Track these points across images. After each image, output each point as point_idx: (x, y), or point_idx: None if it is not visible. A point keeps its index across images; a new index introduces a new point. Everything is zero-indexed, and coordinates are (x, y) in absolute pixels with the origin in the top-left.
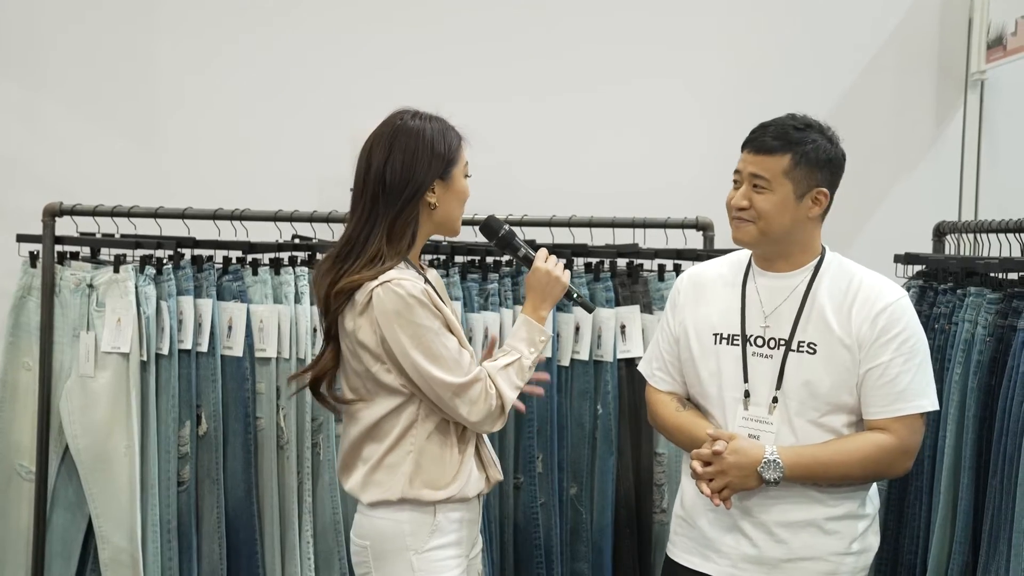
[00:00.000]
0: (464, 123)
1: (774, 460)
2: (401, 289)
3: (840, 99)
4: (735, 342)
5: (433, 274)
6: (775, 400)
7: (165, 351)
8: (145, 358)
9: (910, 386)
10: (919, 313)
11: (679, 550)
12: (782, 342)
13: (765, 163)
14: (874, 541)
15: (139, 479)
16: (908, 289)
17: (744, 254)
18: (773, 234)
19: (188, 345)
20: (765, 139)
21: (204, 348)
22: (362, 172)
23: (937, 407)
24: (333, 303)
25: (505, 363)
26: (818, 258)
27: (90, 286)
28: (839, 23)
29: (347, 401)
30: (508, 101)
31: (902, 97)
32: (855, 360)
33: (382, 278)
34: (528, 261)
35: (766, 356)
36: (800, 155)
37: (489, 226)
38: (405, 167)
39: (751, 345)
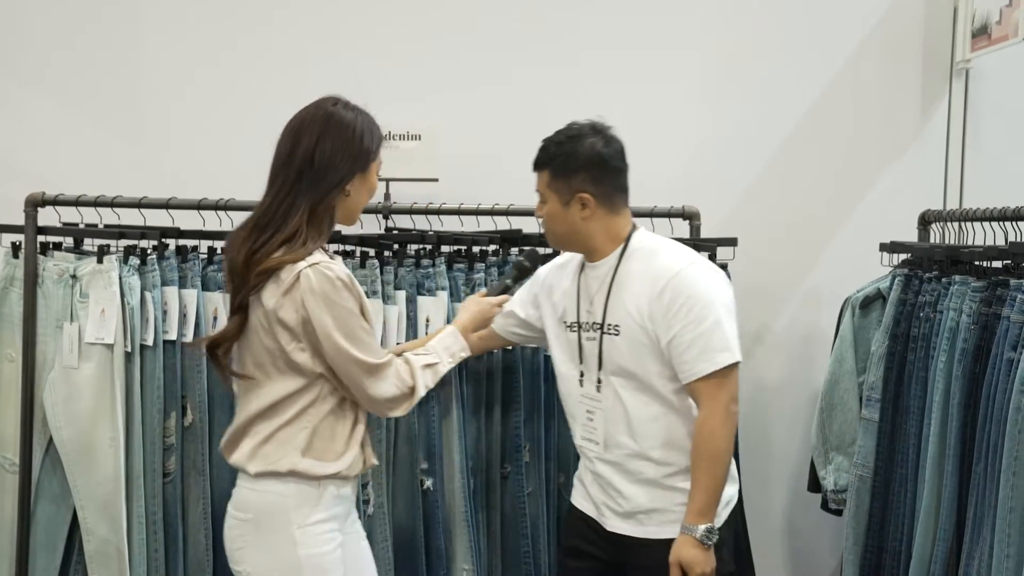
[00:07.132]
0: (450, 112)
1: (705, 528)
2: (331, 272)
3: (825, 88)
4: (574, 328)
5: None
6: (599, 381)
7: (150, 342)
8: (129, 349)
9: (707, 348)
10: (903, 302)
11: (576, 493)
12: (597, 326)
13: (537, 179)
14: (726, 491)
15: (124, 471)
16: (894, 278)
17: None
18: (560, 240)
19: (173, 336)
20: (536, 157)
21: (189, 339)
22: (286, 148)
23: (738, 358)
24: (253, 280)
25: (428, 363)
26: (622, 246)
27: (73, 277)
28: (824, 12)
29: (247, 376)
30: (494, 90)
31: (887, 86)
32: (650, 334)
33: (310, 259)
34: (505, 289)
35: (592, 339)
36: (554, 169)
37: (534, 261)
38: (334, 154)
39: (584, 330)
